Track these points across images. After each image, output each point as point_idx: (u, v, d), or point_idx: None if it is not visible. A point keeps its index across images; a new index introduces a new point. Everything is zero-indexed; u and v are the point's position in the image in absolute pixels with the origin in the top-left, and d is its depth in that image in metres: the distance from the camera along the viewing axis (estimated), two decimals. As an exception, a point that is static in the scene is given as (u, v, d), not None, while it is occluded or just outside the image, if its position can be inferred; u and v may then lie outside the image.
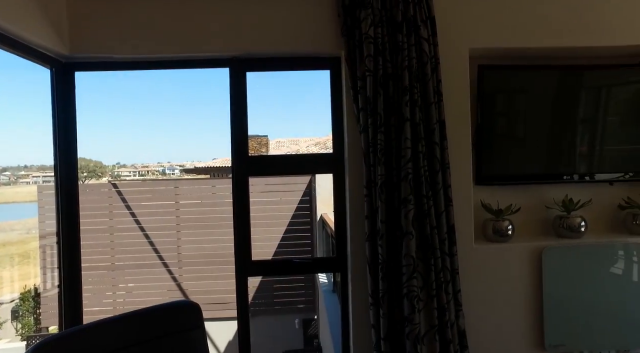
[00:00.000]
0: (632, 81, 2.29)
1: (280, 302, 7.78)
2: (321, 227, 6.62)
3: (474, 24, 2.08)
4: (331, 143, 2.17)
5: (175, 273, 7.24)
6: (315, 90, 15.07)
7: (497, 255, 2.12)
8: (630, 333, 2.14)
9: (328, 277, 5.03)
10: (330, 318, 3.61)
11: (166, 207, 7.32)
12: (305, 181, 8.72)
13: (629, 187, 2.36)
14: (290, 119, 23.97)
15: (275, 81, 14.71)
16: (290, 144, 15.33)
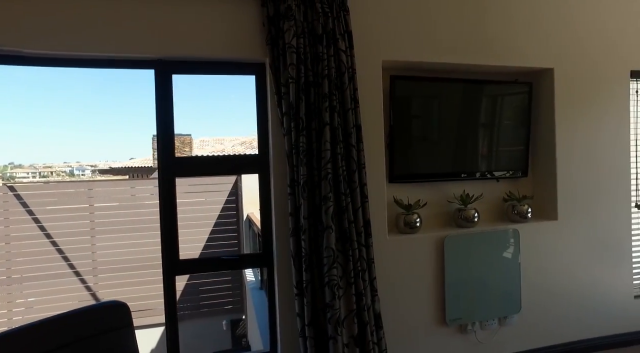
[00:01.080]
0: (515, 93, 2.73)
1: (206, 305, 7.64)
2: (247, 226, 6.65)
3: (386, 39, 2.33)
4: (257, 143, 2.27)
5: (89, 282, 6.71)
6: (240, 90, 15.02)
7: (407, 244, 2.40)
8: (507, 302, 2.56)
9: (255, 275, 5.10)
10: (258, 314, 3.70)
11: (78, 211, 6.73)
12: (231, 181, 8.66)
13: (510, 183, 2.81)
14: (215, 118, 23.32)
15: (198, 79, 14.21)
16: (215, 143, 14.96)
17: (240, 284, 8.36)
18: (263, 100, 2.21)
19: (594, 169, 2.81)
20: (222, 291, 8.04)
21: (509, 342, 2.62)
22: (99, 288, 6.68)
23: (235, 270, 8.19)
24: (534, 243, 2.65)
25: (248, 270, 5.54)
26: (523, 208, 2.66)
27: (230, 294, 8.19)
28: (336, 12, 2.11)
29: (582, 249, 2.78)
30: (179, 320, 2.18)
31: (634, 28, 2.86)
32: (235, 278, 8.30)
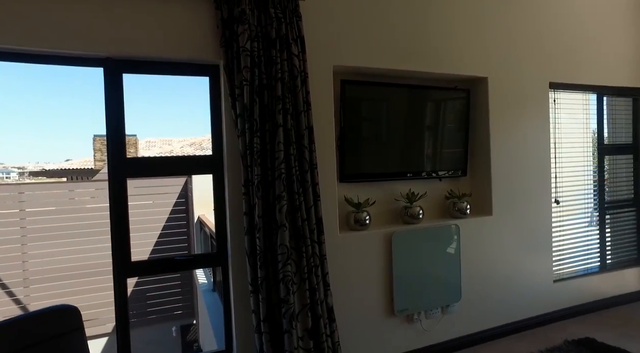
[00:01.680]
0: (455, 99, 2.96)
1: (155, 311, 7.37)
2: (199, 229, 6.51)
3: (337, 45, 2.45)
4: (207, 144, 2.28)
5: (18, 294, 6.18)
6: (189, 91, 14.48)
7: (358, 241, 2.53)
8: (449, 292, 2.77)
9: (207, 277, 5.02)
10: (211, 316, 3.67)
11: (6, 217, 6.18)
12: (180, 183, 8.44)
13: (452, 182, 3.04)
14: (162, 119, 22.25)
15: (142, 78, 13.48)
16: (162, 144, 14.40)
17: (190, 288, 8.14)
18: (217, 102, 2.23)
19: (522, 169, 3.12)
20: (171, 296, 7.80)
21: (451, 329, 2.83)
22: (31, 301, 6.17)
23: (184, 274, 8.00)
24: (473, 236, 2.89)
25: (200, 273, 5.43)
26: (463, 205, 2.89)
27: (180, 299, 7.96)
28: (289, 18, 2.19)
29: (512, 241, 3.07)
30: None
31: (552, 48, 3.22)
32: (184, 282, 8.08)
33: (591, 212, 3.66)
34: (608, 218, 3.72)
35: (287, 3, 2.19)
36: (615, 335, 2.94)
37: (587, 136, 3.63)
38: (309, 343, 2.05)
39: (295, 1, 2.22)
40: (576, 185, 3.55)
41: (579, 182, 3.57)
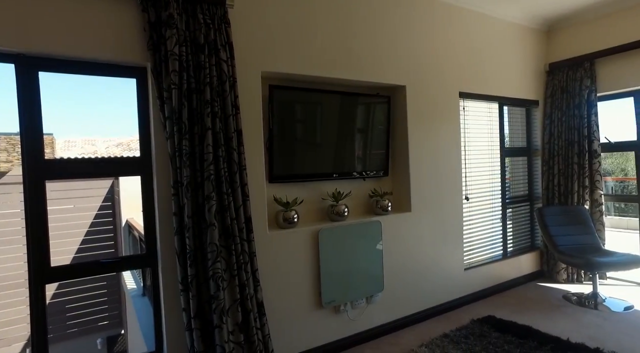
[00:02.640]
0: (378, 105, 3.21)
1: (76, 324, 6.91)
2: (127, 232, 6.22)
3: (265, 52, 2.56)
4: (136, 144, 2.27)
5: None
6: (118, 90, 13.55)
7: (286, 238, 2.66)
8: (372, 283, 3.01)
9: (137, 282, 4.85)
10: (141, 322, 3.57)
11: None
12: (107, 185, 7.99)
13: (375, 182, 3.30)
14: (85, 118, 20.53)
15: (62, 75, 12.27)
16: (85, 144, 13.40)
17: (117, 296, 7.72)
18: (145, 104, 2.24)
19: (436, 169, 3.47)
20: (95, 306, 7.35)
21: (375, 317, 3.08)
22: None
23: (110, 282, 7.57)
24: (394, 231, 3.16)
25: (129, 278, 5.20)
26: (385, 203, 3.15)
27: (106, 308, 7.53)
28: (218, 24, 2.26)
29: (429, 234, 3.41)
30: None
31: (462, 62, 3.62)
32: (111, 291, 7.65)
33: (495, 207, 4.14)
34: (509, 212, 4.25)
35: (215, 9, 2.26)
36: (510, 312, 3.39)
37: (491, 140, 4.11)
38: (239, 337, 2.14)
39: (224, 8, 2.30)
40: (483, 184, 4.01)
41: (485, 180, 4.04)
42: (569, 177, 4.18)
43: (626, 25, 3.82)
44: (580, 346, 2.72)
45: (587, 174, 4.08)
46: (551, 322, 3.17)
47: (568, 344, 2.75)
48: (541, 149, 4.40)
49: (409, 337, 3.03)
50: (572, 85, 4.17)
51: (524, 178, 4.44)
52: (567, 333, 2.92)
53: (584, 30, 4.14)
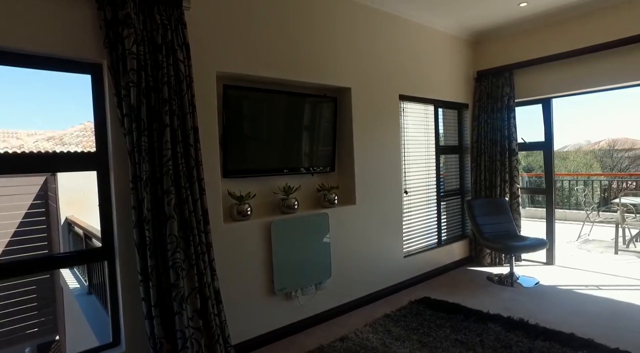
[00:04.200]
0: (326, 105, 3.45)
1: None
2: (67, 231, 5.94)
3: (220, 53, 2.69)
4: (70, 138, 2.30)
5: None
6: (45, 81, 12.46)
7: (241, 230, 2.82)
8: (321, 271, 3.26)
9: (80, 281, 4.70)
10: (91, 320, 3.53)
11: None
12: (39, 183, 7.54)
13: (322, 177, 3.54)
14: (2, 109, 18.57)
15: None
16: (6, 137, 12.37)
17: (51, 300, 7.33)
18: (101, 100, 2.28)
19: (378, 165, 3.78)
20: (22, 313, 6.94)
21: (324, 302, 3.32)
22: None
23: (41, 286, 7.17)
24: (340, 223, 3.43)
25: (70, 279, 5.01)
26: (332, 196, 3.40)
27: (36, 315, 7.13)
28: (175, 25, 2.36)
29: (372, 225, 3.72)
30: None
31: (401, 68, 3.97)
32: (41, 295, 7.25)
33: (431, 200, 4.57)
34: (443, 204, 4.71)
35: (172, 11, 2.35)
36: (443, 293, 3.81)
37: (427, 139, 4.53)
38: (198, 323, 2.27)
39: (181, 10, 2.39)
40: (420, 179, 4.41)
41: (422, 175, 4.45)
42: (493, 173, 4.72)
43: (538, 42, 4.40)
44: (497, 316, 3.17)
45: (507, 170, 4.64)
46: (476, 299, 3.62)
47: (487, 315, 3.20)
48: (470, 147, 4.91)
49: (355, 319, 3.32)
50: (495, 92, 4.70)
51: (456, 173, 4.93)
52: (487, 307, 3.37)
53: (505, 43, 4.69)
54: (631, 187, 8.76)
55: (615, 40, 3.81)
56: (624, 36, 3.75)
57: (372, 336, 2.93)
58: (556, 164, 14.48)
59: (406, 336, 2.91)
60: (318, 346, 2.81)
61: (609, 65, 3.95)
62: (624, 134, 18.25)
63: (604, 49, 3.89)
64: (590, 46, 3.97)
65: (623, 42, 3.76)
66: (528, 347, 2.66)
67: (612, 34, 3.84)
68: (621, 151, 15.73)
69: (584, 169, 13.96)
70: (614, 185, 8.77)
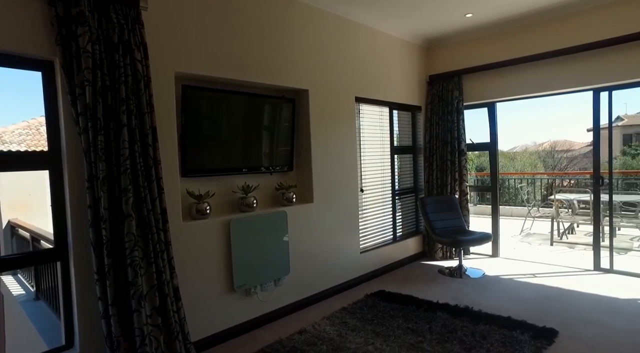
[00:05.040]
0: (284, 106, 3.54)
1: None
2: (9, 235, 5.62)
3: (178, 54, 2.71)
4: (11, 137, 2.24)
5: None
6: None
7: (200, 228, 2.85)
8: (280, 267, 3.35)
9: (25, 287, 4.49)
10: (38, 325, 3.40)
11: None
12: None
13: (281, 176, 3.63)
14: None
15: None
16: None
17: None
18: (53, 98, 2.24)
19: (335, 164, 3.93)
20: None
21: (283, 297, 3.42)
22: None
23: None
24: (298, 220, 3.53)
25: (13, 286, 4.76)
26: (290, 195, 3.50)
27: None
28: (132, 25, 2.36)
29: (329, 222, 3.85)
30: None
31: (357, 71, 4.14)
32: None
33: (387, 197, 4.78)
34: (398, 202, 4.94)
35: (129, 10, 2.35)
36: (397, 286, 4.02)
37: (383, 139, 4.73)
38: (157, 320, 2.30)
39: (138, 9, 2.40)
40: (376, 177, 4.61)
41: (378, 174, 4.65)
42: (444, 172, 5.01)
43: (484, 50, 4.73)
44: (445, 305, 3.41)
45: (457, 169, 4.95)
46: (428, 291, 3.86)
47: (437, 304, 3.43)
48: (423, 147, 5.18)
49: (313, 313, 3.44)
50: (446, 95, 4.99)
51: (410, 172, 5.19)
52: (437, 297, 3.61)
53: (454, 50, 4.99)
54: (569, 184, 9.52)
55: (551, 51, 4.18)
56: (559, 48, 4.13)
57: (329, 328, 3.06)
58: (505, 163, 15.35)
59: (361, 326, 3.06)
60: (277, 340, 2.90)
61: (546, 73, 4.34)
62: (564, 136, 19.72)
63: (541, 59, 4.26)
64: (529, 56, 4.33)
65: (558, 53, 4.14)
66: (471, 331, 2.90)
67: (549, 46, 4.21)
68: (561, 152, 16.98)
69: (530, 168, 14.95)
70: (556, 183, 9.52)
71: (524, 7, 4.03)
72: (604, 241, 4.91)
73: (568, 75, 4.19)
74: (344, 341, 2.83)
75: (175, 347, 2.39)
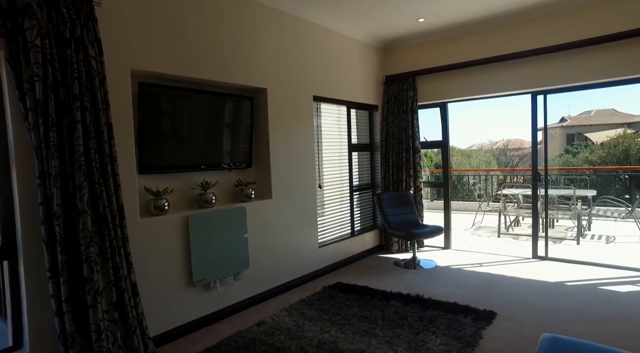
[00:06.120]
0: (243, 104, 3.59)
1: None
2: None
3: (134, 51, 2.71)
4: None
5: None
6: None
7: (158, 224, 2.87)
8: (239, 262, 3.42)
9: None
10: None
11: None
12: None
13: (240, 172, 3.69)
14: None
15: None
16: None
17: None
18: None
19: (294, 161, 4.03)
20: None
21: (242, 291, 3.49)
22: None
23: None
24: (257, 216, 3.61)
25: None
26: (249, 191, 3.57)
27: None
28: (84, 20, 2.34)
29: (288, 217, 3.96)
30: None
31: (315, 70, 4.26)
32: None
33: (345, 193, 4.95)
34: (356, 198, 5.12)
35: (81, 5, 2.33)
36: (354, 278, 4.19)
37: (341, 137, 4.89)
38: (114, 315, 2.31)
39: (90, 4, 2.38)
40: (334, 174, 4.76)
41: (336, 171, 4.80)
42: (399, 168, 5.25)
43: (436, 53, 4.99)
44: (398, 294, 3.62)
45: (411, 166, 5.20)
46: (383, 282, 4.05)
47: (390, 294, 3.63)
48: (380, 145, 5.39)
49: (272, 306, 3.53)
50: (401, 95, 5.23)
51: (367, 169, 5.38)
52: (391, 287, 3.81)
53: (409, 52, 5.23)
54: (518, 181, 10.16)
55: (495, 56, 4.50)
56: (501, 53, 4.45)
57: (287, 319, 3.17)
58: (462, 161, 15.98)
59: (318, 316, 3.20)
60: (236, 332, 2.98)
61: (491, 76, 4.65)
62: (516, 135, 20.86)
63: (487, 63, 4.57)
64: (476, 60, 4.62)
65: (500, 59, 4.46)
66: (420, 316, 3.11)
67: (494, 51, 4.52)
68: (513, 150, 17.99)
69: (484, 165, 15.74)
70: (508, 179, 10.14)
71: (470, 15, 4.31)
72: (542, 232, 5.33)
73: (510, 78, 4.52)
74: (301, 330, 2.95)
75: (132, 341, 2.42)
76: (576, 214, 5.79)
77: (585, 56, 4.06)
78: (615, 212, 6.22)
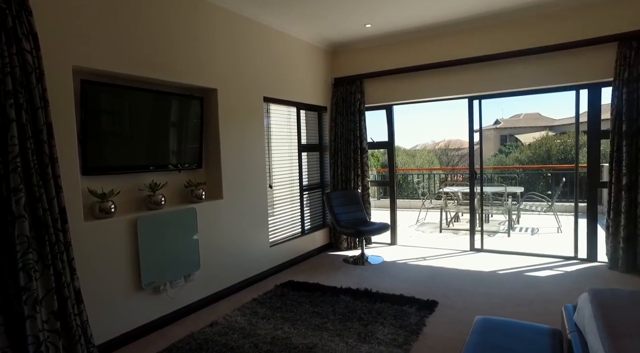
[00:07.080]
0: (193, 104, 3.54)
1: None
2: None
3: (77, 47, 2.58)
4: None
5: None
6: None
7: (104, 227, 2.76)
8: (190, 263, 3.37)
9: None
10: None
11: None
12: None
13: (190, 173, 3.64)
14: None
15: None
16: None
17: None
18: None
19: (244, 162, 4.04)
20: None
21: (194, 293, 3.44)
22: None
23: None
24: (208, 216, 3.58)
25: None
26: (199, 191, 3.53)
27: None
28: (16, 11, 2.19)
29: (239, 218, 3.96)
30: None
31: (265, 71, 4.30)
32: None
33: (295, 193, 5.02)
34: (306, 197, 5.21)
35: (13, -4, 2.19)
36: (305, 276, 4.29)
37: (291, 138, 4.96)
38: (55, 325, 2.20)
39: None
40: (284, 174, 4.82)
41: (286, 171, 4.86)
42: (348, 168, 5.42)
43: (382, 57, 5.21)
44: (347, 289, 3.76)
45: (359, 166, 5.39)
46: (333, 278, 4.18)
47: (340, 289, 3.76)
48: (329, 146, 5.53)
49: (225, 306, 3.52)
50: (349, 97, 5.39)
51: (317, 169, 5.50)
52: (341, 283, 3.95)
53: (357, 55, 5.41)
54: (458, 179, 10.82)
55: (435, 63, 4.80)
56: (445, 60, 4.75)
57: (240, 318, 3.19)
58: (407, 160, 16.67)
59: (271, 314, 3.25)
60: (188, 334, 2.94)
61: (433, 81, 4.95)
62: (457, 136, 22.12)
63: (428, 69, 4.86)
64: (419, 65, 4.90)
65: (442, 65, 4.77)
66: (369, 309, 3.26)
67: (438, 58, 4.81)
68: (453, 150, 19.09)
69: (428, 165, 16.56)
70: (449, 178, 10.76)
71: (414, 23, 4.57)
72: (478, 226, 5.77)
73: (450, 84, 4.85)
74: (255, 328, 2.98)
75: (77, 351, 2.31)
76: (507, 209, 6.32)
77: (517, 65, 4.47)
78: (539, 206, 6.88)
